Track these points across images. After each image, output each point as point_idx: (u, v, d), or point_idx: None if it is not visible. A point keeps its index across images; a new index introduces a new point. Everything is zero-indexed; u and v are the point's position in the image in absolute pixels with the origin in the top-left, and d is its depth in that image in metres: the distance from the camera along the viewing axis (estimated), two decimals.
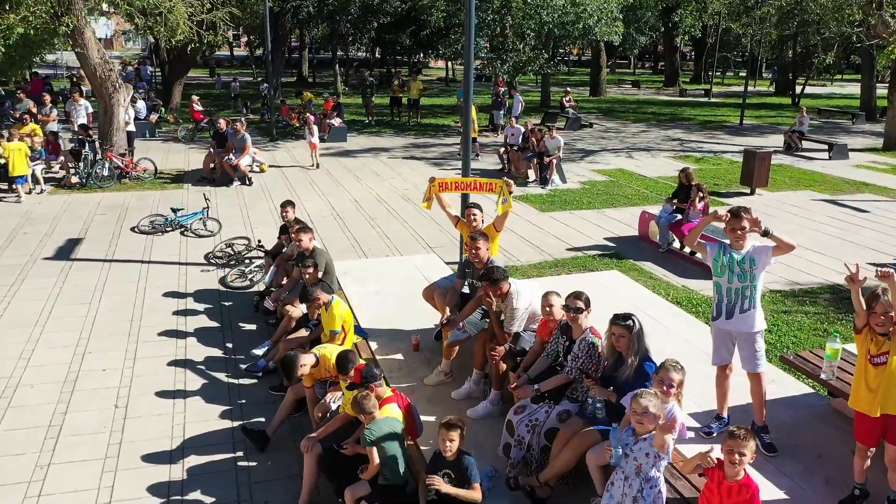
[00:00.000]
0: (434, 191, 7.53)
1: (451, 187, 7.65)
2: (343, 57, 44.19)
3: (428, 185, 7.62)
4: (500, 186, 7.41)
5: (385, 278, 9.08)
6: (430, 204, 7.65)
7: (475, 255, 6.41)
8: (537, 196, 14.57)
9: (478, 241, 6.44)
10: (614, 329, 4.59)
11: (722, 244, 5.17)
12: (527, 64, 23.26)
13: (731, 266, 5.05)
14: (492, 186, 7.68)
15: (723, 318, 5.13)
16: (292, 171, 16.79)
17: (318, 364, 5.85)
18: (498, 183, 7.47)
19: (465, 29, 9.11)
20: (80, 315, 8.58)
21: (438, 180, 7.57)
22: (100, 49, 14.09)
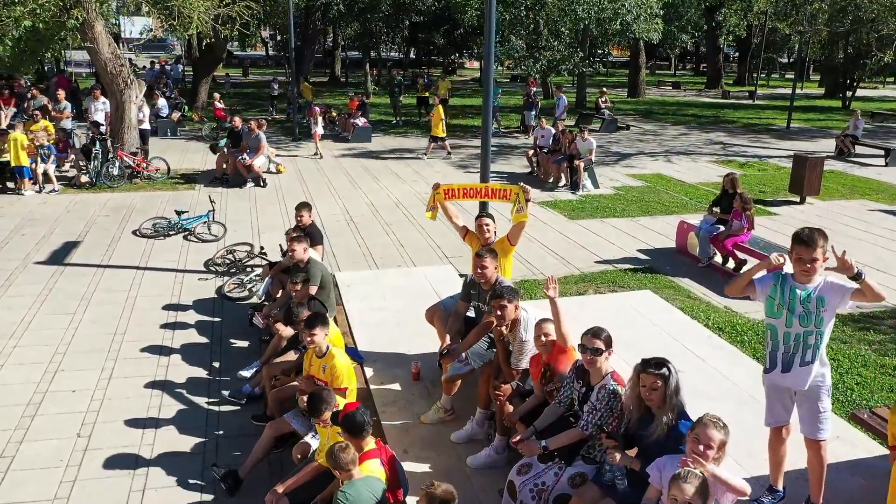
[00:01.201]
0: (439, 199, 6.64)
1: (459, 195, 6.71)
2: (376, 57, 43.62)
3: (431, 192, 6.74)
4: (515, 193, 6.41)
5: (392, 293, 8.26)
6: (435, 214, 6.76)
7: (481, 274, 5.54)
8: (566, 202, 13.60)
9: (485, 258, 5.56)
10: (645, 378, 3.67)
11: (780, 275, 4.10)
12: (561, 63, 22.24)
13: (792, 305, 3.98)
14: (506, 193, 6.63)
15: (778, 371, 4.10)
16: (310, 172, 16.09)
17: None
18: (513, 189, 6.47)
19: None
20: (59, 327, 7.92)
21: (444, 187, 6.67)
22: (111, 44, 13.55)
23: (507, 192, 6.58)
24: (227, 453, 5.83)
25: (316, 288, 7.02)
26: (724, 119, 27.51)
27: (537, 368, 4.62)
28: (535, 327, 4.64)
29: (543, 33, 23.13)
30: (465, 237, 6.50)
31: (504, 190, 6.64)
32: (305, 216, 8.07)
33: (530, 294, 8.74)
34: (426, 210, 6.87)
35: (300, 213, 8.06)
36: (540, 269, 9.74)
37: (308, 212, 8.13)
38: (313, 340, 5.24)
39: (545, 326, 4.56)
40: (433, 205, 6.67)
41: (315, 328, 5.22)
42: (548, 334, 4.54)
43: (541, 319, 4.68)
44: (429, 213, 6.76)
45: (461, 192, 6.67)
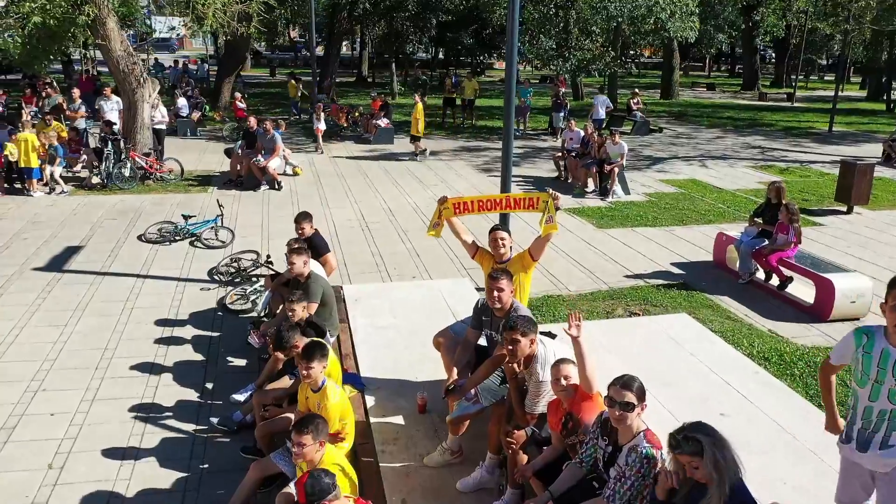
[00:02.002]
0: (446, 215, 5.88)
1: (474, 208, 5.92)
2: (403, 57, 43.10)
3: (436, 207, 5.99)
4: (543, 202, 5.60)
5: (402, 308, 7.60)
6: (439, 231, 6.03)
7: (495, 298, 4.85)
8: (595, 209, 12.83)
9: (500, 279, 4.88)
10: (679, 458, 2.97)
11: (867, 331, 3.21)
12: (591, 62, 21.41)
13: (882, 374, 3.09)
14: (532, 202, 5.76)
15: (853, 446, 3.32)
16: (328, 174, 15.53)
17: None
18: (541, 197, 5.66)
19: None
20: (48, 340, 7.41)
21: (452, 200, 5.90)
22: (123, 41, 13.13)
23: (533, 201, 5.73)
24: (211, 491, 5.25)
25: (316, 306, 6.41)
26: (762, 122, 26.41)
27: (557, 417, 3.93)
28: (552, 369, 3.94)
29: (573, 32, 22.33)
30: (476, 255, 5.80)
31: (529, 198, 5.79)
32: (306, 227, 7.47)
33: (552, 312, 8.03)
34: (428, 227, 6.11)
35: (300, 224, 7.47)
36: (565, 284, 9.02)
37: (309, 222, 7.52)
38: (309, 375, 4.62)
39: (564, 368, 3.87)
40: (437, 221, 5.92)
41: (313, 361, 4.61)
42: (568, 377, 3.84)
43: (559, 360, 3.98)
44: (431, 230, 6.01)
45: (476, 204, 5.89)
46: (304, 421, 4.07)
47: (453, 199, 5.90)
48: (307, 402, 4.82)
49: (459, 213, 5.85)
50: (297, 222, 7.51)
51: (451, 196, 6.01)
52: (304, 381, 4.70)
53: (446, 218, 5.85)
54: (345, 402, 4.79)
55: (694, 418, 4.50)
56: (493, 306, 4.91)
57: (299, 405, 4.93)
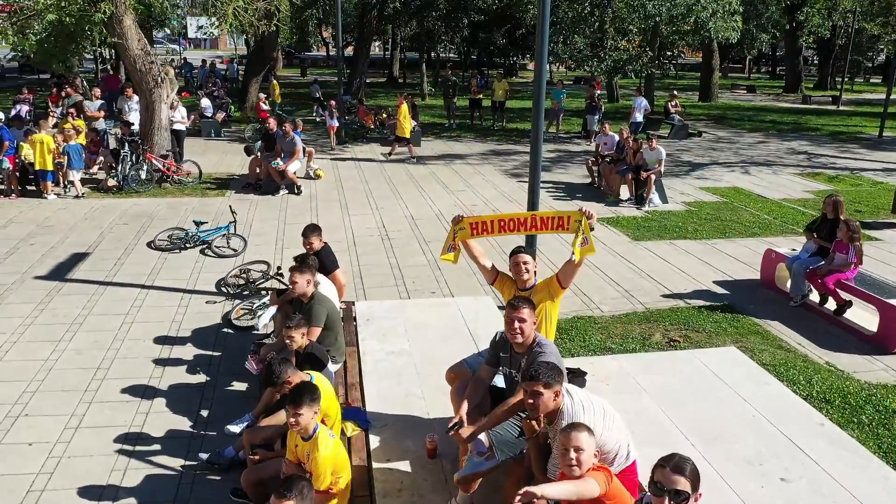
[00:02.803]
0: (461, 238, 5.18)
1: (494, 229, 5.16)
2: (435, 57, 42.53)
3: (451, 228, 5.27)
4: (576, 221, 4.82)
5: (417, 331, 6.96)
6: (456, 256, 5.33)
7: (516, 330, 4.19)
8: (631, 219, 12.04)
9: (521, 308, 4.21)
10: None
11: None
12: (628, 63, 20.54)
13: None
14: (563, 222, 4.92)
15: None
16: (350, 178, 14.96)
17: None
18: (573, 216, 4.87)
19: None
20: (38, 357, 6.93)
21: (469, 220, 5.18)
22: (140, 39, 12.71)
23: (563, 221, 4.92)
24: None
25: (318, 331, 5.80)
26: (807, 126, 25.23)
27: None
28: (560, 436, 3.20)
29: (609, 31, 21.49)
30: (495, 282, 5.12)
31: (559, 218, 4.96)
32: (315, 242, 6.88)
33: (583, 336, 7.31)
34: (442, 251, 5.40)
35: (308, 239, 6.88)
36: (597, 303, 8.28)
37: (318, 236, 6.92)
38: (298, 422, 4.01)
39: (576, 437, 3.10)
40: (453, 244, 5.22)
41: (301, 406, 3.99)
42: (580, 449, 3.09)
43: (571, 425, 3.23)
44: (446, 254, 5.28)
45: (496, 225, 5.14)
46: (287, 484, 3.47)
47: (470, 218, 5.20)
48: (296, 451, 4.22)
49: (477, 234, 5.15)
50: (305, 236, 6.93)
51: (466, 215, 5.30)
52: (292, 429, 4.08)
53: (462, 240, 5.17)
54: (339, 452, 4.16)
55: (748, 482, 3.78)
56: (514, 340, 4.24)
57: (288, 453, 4.33)
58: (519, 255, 4.87)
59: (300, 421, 3.98)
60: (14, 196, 12.28)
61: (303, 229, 7.01)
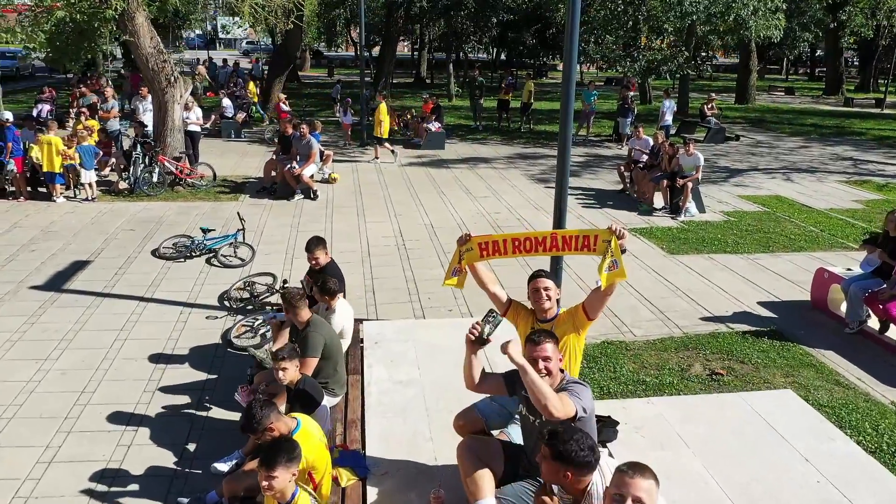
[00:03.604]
0: (468, 260, 4.50)
1: (507, 249, 4.45)
2: (463, 57, 41.85)
3: (456, 249, 4.60)
4: (604, 241, 4.16)
5: (429, 355, 6.31)
6: (462, 280, 4.67)
7: (540, 371, 3.53)
8: (665, 230, 11.25)
9: (543, 345, 3.57)
10: None
11: None
12: (662, 63, 19.65)
13: None
14: (588, 242, 4.23)
15: None
16: (369, 183, 14.35)
17: None
18: (601, 235, 4.21)
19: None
20: (19, 379, 6.41)
21: (477, 239, 4.51)
22: (153, 37, 12.24)
23: (589, 240, 4.22)
24: None
25: (314, 362, 5.17)
26: (850, 130, 24.07)
27: None
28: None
29: (642, 30, 20.62)
30: (509, 312, 4.45)
31: (584, 237, 4.25)
32: (321, 257, 6.33)
33: (613, 364, 6.58)
34: (446, 275, 4.70)
35: (313, 254, 6.32)
36: (629, 326, 7.54)
37: (323, 250, 6.35)
38: (272, 486, 3.39)
39: None
40: (459, 267, 4.55)
41: (275, 469, 3.37)
42: None
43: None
44: (450, 278, 4.61)
45: (509, 245, 4.43)
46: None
47: (478, 237, 4.52)
48: None
49: (487, 256, 4.48)
50: (309, 251, 6.36)
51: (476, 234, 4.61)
52: (265, 493, 3.45)
53: (469, 263, 4.50)
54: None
55: None
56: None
57: None
58: (539, 281, 4.19)
59: (274, 485, 3.36)
60: (22, 199, 11.88)
61: (306, 243, 6.43)
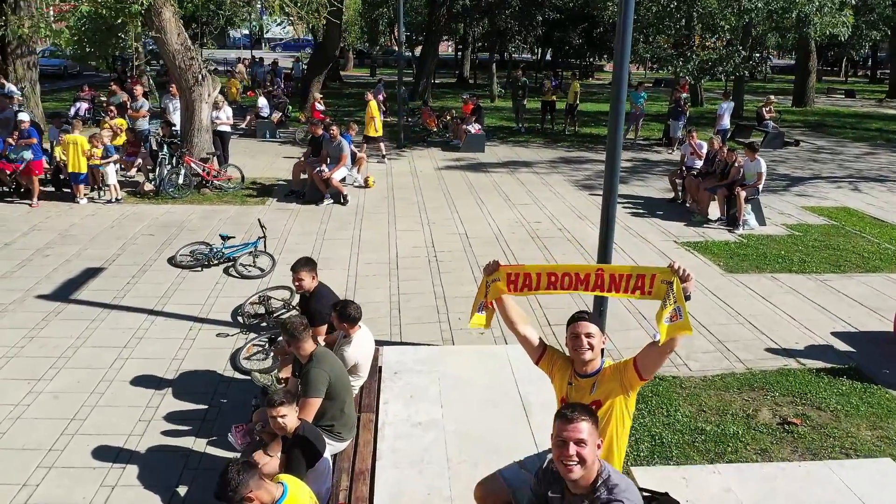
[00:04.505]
0: (494, 294, 3.72)
1: (540, 283, 3.61)
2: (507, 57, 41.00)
3: (482, 279, 3.82)
4: (662, 281, 3.31)
5: (455, 390, 5.57)
6: (488, 320, 3.89)
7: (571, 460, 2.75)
8: (722, 245, 10.28)
9: (577, 424, 2.79)
10: None
11: None
12: (718, 63, 18.51)
13: None
14: (644, 282, 3.38)
15: None
16: (403, 187, 13.65)
17: None
18: (659, 274, 3.34)
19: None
20: (7, 402, 5.88)
21: (507, 269, 3.70)
22: (181, 34, 11.75)
23: (645, 281, 3.35)
24: None
25: (317, 403, 4.47)
26: None
27: None
28: None
29: (696, 29, 19.50)
30: (542, 360, 3.65)
31: (640, 276, 3.38)
32: (306, 279, 5.64)
33: (666, 406, 5.73)
34: (471, 313, 3.89)
35: (298, 274, 5.64)
36: (683, 359, 6.66)
37: (310, 272, 5.66)
38: None
39: None
40: (485, 302, 3.77)
41: None
42: None
43: None
44: (477, 317, 3.82)
45: (544, 279, 3.60)
46: None
47: (508, 267, 3.71)
48: None
49: (516, 290, 3.66)
50: (295, 271, 5.68)
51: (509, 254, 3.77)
52: None
53: (495, 299, 3.72)
54: None
55: None
56: (568, 475, 2.78)
57: None
58: (580, 325, 3.39)
59: None
60: (35, 205, 11.35)
61: (294, 263, 5.78)
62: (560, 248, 10.03)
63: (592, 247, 9.92)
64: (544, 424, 5.05)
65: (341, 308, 5.24)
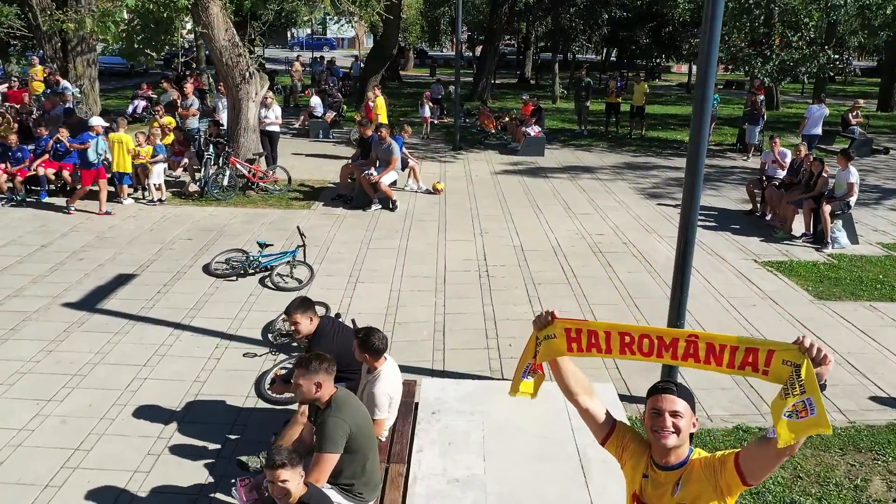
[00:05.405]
0: (547, 355, 2.83)
1: (611, 346, 2.69)
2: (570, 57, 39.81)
3: (532, 334, 2.96)
4: (785, 363, 2.34)
5: (501, 437, 4.78)
6: (537, 385, 3.06)
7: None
8: (810, 266, 9.17)
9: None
10: None
11: None
12: (800, 63, 17.11)
13: None
14: (758, 360, 2.43)
15: None
16: (456, 192, 12.89)
17: None
18: (779, 351, 2.37)
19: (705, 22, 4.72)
20: (11, 426, 5.40)
21: (565, 323, 2.78)
22: (228, 29, 11.29)
23: (759, 357, 2.43)
24: None
25: (333, 459, 3.75)
26: None
27: None
28: None
29: (777, 26, 18.12)
30: (609, 441, 2.81)
31: (752, 350, 2.44)
32: (302, 322, 4.90)
33: None
34: (514, 378, 3.05)
35: (291, 317, 4.90)
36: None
37: (304, 314, 4.90)
38: None
39: None
40: (534, 364, 2.96)
41: None
42: None
43: None
44: (523, 384, 3.01)
45: (618, 341, 2.69)
46: None
47: (567, 321, 2.82)
48: None
49: (578, 351, 2.81)
50: (289, 315, 4.95)
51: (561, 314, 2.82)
52: None
53: (547, 359, 2.90)
54: None
55: None
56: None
57: None
58: (663, 398, 2.55)
59: None
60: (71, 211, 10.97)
61: (287, 305, 5.04)
62: (625, 264, 9.11)
63: (661, 264, 9.00)
64: (606, 490, 4.23)
65: (364, 336, 4.53)
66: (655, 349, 2.63)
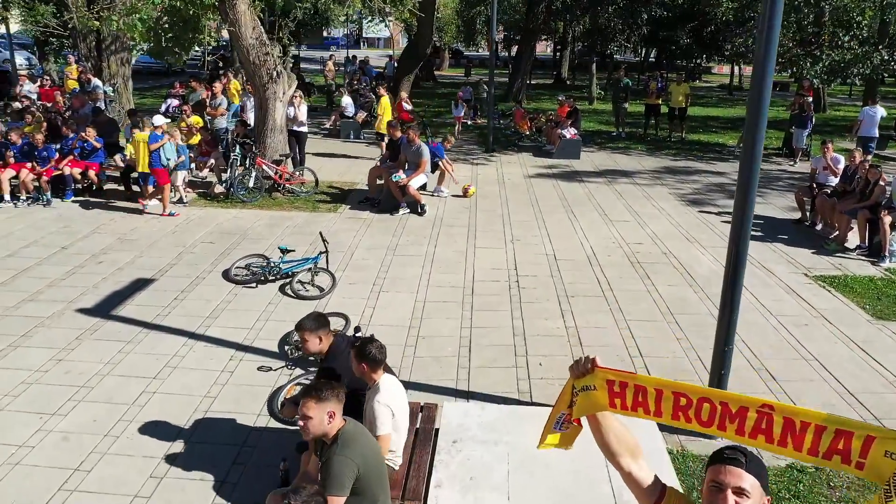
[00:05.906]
0: (588, 406, 2.37)
1: (661, 408, 2.22)
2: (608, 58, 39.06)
3: (568, 381, 2.52)
4: (886, 453, 1.86)
5: (528, 472, 4.36)
6: (570, 439, 2.63)
7: None
8: (866, 281, 8.53)
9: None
10: None
11: None
12: (851, 64, 16.29)
13: None
14: (850, 445, 1.93)
15: None
16: (487, 196, 12.45)
17: None
18: (881, 439, 1.88)
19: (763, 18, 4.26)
20: (10, 442, 5.14)
21: (607, 374, 2.33)
22: (256, 27, 11.01)
23: (851, 444, 1.93)
24: None
25: (341, 501, 3.36)
26: None
27: None
28: None
29: (827, 25, 17.30)
30: None
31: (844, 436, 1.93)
32: (311, 342, 4.51)
33: None
34: (545, 429, 2.63)
35: (302, 334, 4.52)
36: None
37: (314, 333, 4.51)
38: None
39: None
40: (568, 417, 2.52)
41: None
42: None
43: None
44: (552, 435, 2.59)
45: (671, 403, 2.21)
46: None
47: (610, 371, 2.37)
48: None
49: (620, 408, 2.34)
50: (300, 329, 4.55)
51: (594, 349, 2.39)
52: None
53: (584, 414, 2.45)
54: None
55: None
56: None
57: None
58: (725, 470, 2.09)
59: None
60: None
61: (298, 321, 4.64)
62: (664, 276, 8.58)
63: (704, 277, 8.47)
64: None
65: (361, 345, 4.18)
66: (718, 418, 2.15)
